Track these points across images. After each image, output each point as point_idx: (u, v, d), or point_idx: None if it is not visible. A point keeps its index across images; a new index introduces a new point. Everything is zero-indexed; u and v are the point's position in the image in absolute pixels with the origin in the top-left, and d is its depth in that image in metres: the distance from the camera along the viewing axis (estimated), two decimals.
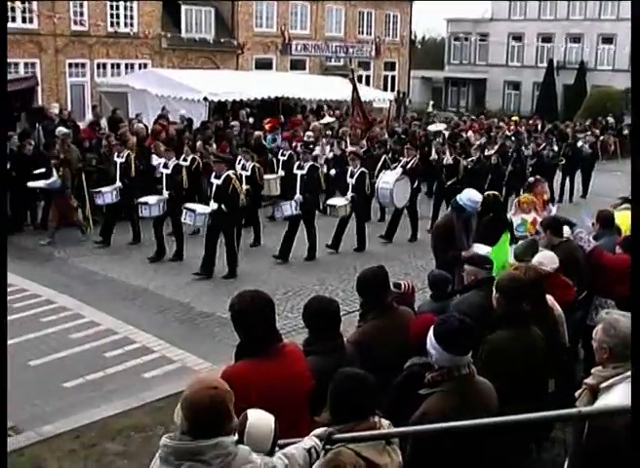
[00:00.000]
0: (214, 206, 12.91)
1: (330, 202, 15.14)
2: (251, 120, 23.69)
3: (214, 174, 13.07)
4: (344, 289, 12.31)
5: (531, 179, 13.69)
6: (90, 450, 7.18)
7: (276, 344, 4.33)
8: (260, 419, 3.60)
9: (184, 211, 13.42)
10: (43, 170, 15.13)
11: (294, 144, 19.09)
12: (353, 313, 9.02)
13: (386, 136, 22.44)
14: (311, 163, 14.67)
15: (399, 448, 3.94)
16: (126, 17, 30.25)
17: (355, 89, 20.83)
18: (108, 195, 14.92)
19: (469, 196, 9.44)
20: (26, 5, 27.07)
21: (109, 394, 8.49)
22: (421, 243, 15.69)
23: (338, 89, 28.78)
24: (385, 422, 3.90)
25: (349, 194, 14.94)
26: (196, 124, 21.33)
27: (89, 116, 24.16)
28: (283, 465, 3.53)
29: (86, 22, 28.73)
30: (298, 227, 14.30)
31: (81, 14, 28.68)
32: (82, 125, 21.36)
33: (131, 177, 15.06)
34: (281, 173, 17.44)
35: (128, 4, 30.13)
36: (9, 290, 11.96)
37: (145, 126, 20.59)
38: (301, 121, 24.25)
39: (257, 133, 20.27)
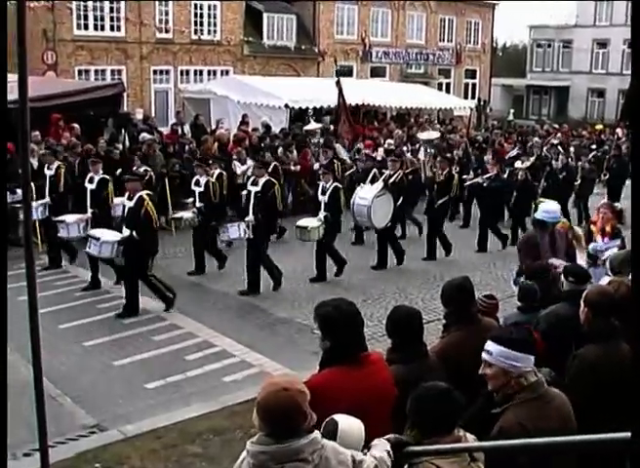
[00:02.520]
0: (125, 232, 11.18)
1: (300, 223, 13.16)
2: (332, 127, 23.72)
3: (127, 194, 11.31)
4: (424, 298, 12.26)
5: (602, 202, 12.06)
6: (170, 451, 7.30)
7: (362, 353, 4.34)
8: (350, 424, 3.62)
9: (88, 238, 11.69)
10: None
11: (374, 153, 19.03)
12: (432, 322, 9.00)
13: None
14: (267, 178, 12.63)
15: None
16: (209, 24, 30.70)
17: (341, 93, 19.25)
18: (34, 211, 13.06)
19: (544, 208, 9.09)
20: (114, 14, 27.86)
21: (189, 396, 8.62)
22: (501, 253, 15.50)
23: (418, 96, 28.75)
24: (470, 436, 3.84)
25: (322, 213, 13.07)
26: (277, 131, 21.47)
27: (172, 122, 24.61)
28: (373, 463, 3.53)
29: (170, 30, 29.31)
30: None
31: (166, 21, 29.28)
32: (164, 131, 21.79)
33: (59, 192, 13.51)
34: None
35: (211, 12, 30.61)
36: (93, 291, 12.35)
37: (229, 132, 20.84)
38: (363, 129, 24.12)
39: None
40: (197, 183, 13.52)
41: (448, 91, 38.99)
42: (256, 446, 3.27)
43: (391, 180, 14.29)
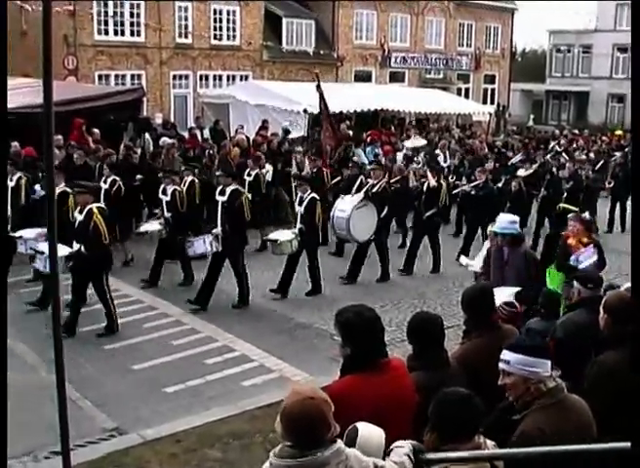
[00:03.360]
0: (76, 246, 10.58)
1: (272, 236, 12.65)
2: (350, 133, 23.69)
3: (78, 208, 10.79)
4: (442, 303, 12.23)
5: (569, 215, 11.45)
6: (190, 455, 7.32)
7: (383, 359, 4.32)
8: (370, 431, 3.60)
9: (35, 253, 11.04)
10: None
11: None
12: (452, 328, 8.95)
13: (486, 150, 22.20)
14: (234, 187, 12.08)
15: None
16: (228, 29, 30.82)
17: (322, 99, 18.21)
18: None
19: (499, 219, 8.46)
20: (134, 19, 28.03)
21: (209, 400, 8.64)
22: None
23: (437, 101, 28.70)
24: (490, 443, 3.83)
25: (298, 225, 12.56)
26: (295, 136, 21.47)
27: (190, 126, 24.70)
28: None
29: (190, 35, 29.44)
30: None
31: (185, 27, 29.41)
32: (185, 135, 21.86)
33: (19, 206, 12.89)
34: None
35: (231, 17, 30.73)
36: (114, 294, 12.38)
37: (247, 137, 20.90)
38: (380, 135, 24.04)
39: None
40: (164, 192, 12.91)
41: (467, 96, 38.91)
42: (280, 460, 3.22)
43: (374, 190, 13.57)
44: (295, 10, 33.57)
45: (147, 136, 18.94)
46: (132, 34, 28.35)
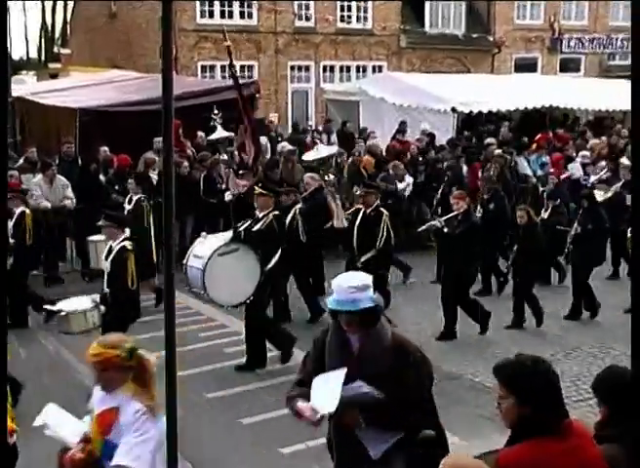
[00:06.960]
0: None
1: (58, 305, 9.97)
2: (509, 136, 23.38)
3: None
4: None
5: None
6: None
7: (564, 421, 4.25)
8: None
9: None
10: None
11: None
12: None
13: None
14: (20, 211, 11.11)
15: None
16: (359, 10, 31.17)
17: (238, 86, 15.70)
18: None
19: (335, 284, 5.54)
20: None
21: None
22: None
23: (623, 95, 28.03)
24: None
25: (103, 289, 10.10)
26: (441, 140, 21.42)
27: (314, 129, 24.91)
28: None
29: (312, 17, 29.85)
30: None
31: (306, 7, 29.84)
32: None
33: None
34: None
35: None
36: (193, 318, 12.93)
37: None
38: (568, 138, 23.65)
39: (497, 151, 19.80)
40: (10, 215, 11.60)
41: None
42: None
43: (256, 228, 11.19)
44: None
45: (265, 139, 19.13)
46: (242, 17, 29.05)
